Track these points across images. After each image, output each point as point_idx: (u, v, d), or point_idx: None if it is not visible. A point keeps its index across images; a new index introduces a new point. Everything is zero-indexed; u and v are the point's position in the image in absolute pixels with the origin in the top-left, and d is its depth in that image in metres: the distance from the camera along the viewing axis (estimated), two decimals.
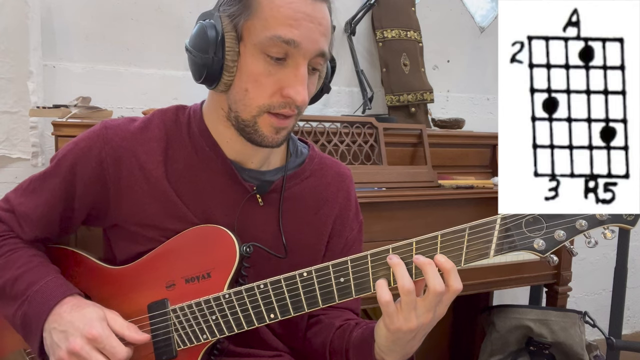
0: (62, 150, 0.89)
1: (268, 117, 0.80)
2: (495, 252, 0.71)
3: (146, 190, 0.86)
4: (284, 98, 0.79)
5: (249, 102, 0.80)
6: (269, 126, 0.81)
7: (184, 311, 0.82)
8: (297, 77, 0.78)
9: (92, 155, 0.86)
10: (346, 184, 0.99)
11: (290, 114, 0.81)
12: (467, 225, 0.72)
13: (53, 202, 0.88)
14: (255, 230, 0.89)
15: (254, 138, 0.82)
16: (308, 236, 0.93)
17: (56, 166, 0.88)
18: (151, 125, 0.88)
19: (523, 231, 0.71)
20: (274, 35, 0.76)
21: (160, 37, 1.76)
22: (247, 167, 0.90)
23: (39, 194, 0.89)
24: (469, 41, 2.31)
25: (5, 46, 1.56)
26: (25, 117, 1.58)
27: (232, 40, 0.79)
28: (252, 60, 0.79)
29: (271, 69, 0.78)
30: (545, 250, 0.70)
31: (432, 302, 0.71)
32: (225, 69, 0.80)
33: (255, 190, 0.88)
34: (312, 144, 1.01)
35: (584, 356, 1.72)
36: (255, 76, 0.79)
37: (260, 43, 0.77)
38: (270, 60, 0.78)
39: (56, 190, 0.88)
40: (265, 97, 0.79)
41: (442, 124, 2.02)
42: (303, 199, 0.93)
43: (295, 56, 0.78)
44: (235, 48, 0.79)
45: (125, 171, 0.86)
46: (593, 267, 2.66)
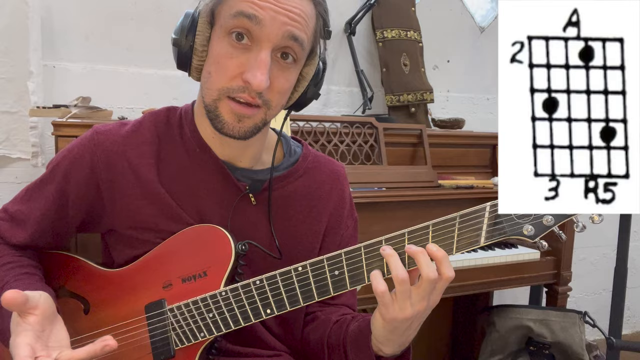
0: (56, 157, 0.90)
1: (227, 102, 0.79)
2: (486, 239, 0.73)
3: (139, 193, 0.86)
4: (243, 82, 0.77)
5: (211, 85, 0.79)
6: (229, 112, 0.79)
7: (181, 310, 0.82)
8: (256, 60, 0.76)
9: (85, 162, 0.86)
10: (340, 181, 0.99)
11: (249, 101, 0.78)
12: (458, 214, 0.74)
13: (48, 208, 0.88)
14: (249, 229, 0.89)
15: (217, 125, 0.81)
16: (302, 234, 0.94)
17: (51, 173, 0.89)
18: (142, 129, 0.88)
19: (512, 217, 0.72)
20: (237, 10, 0.75)
21: (160, 37, 1.76)
22: (238, 167, 0.90)
23: (35, 200, 0.89)
24: (469, 41, 2.31)
25: (5, 46, 1.56)
26: (25, 117, 1.59)
27: (203, 25, 0.80)
28: (217, 42, 0.79)
29: (234, 52, 0.77)
30: (534, 235, 0.72)
31: (426, 290, 0.72)
32: (194, 52, 0.80)
33: (247, 189, 0.88)
34: (305, 143, 1.01)
35: (584, 356, 1.72)
36: (218, 58, 0.78)
37: (226, 23, 0.77)
38: (234, 43, 0.77)
39: (51, 197, 0.88)
40: (226, 80, 0.78)
41: (442, 124, 2.02)
42: (296, 197, 0.93)
43: (258, 39, 0.76)
44: (205, 32, 0.80)
45: (117, 175, 0.86)
46: (593, 267, 2.66)
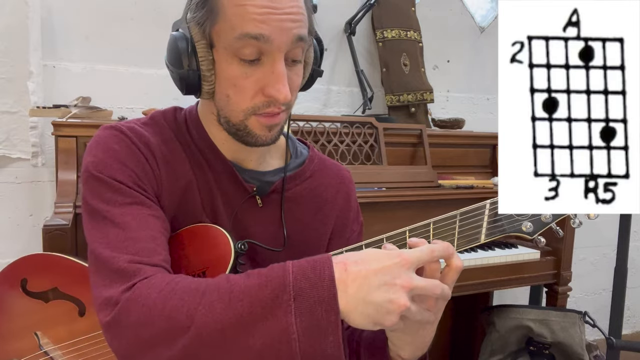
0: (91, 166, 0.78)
1: (256, 118, 0.78)
2: (486, 236, 0.74)
3: (172, 188, 0.83)
4: (266, 98, 0.76)
5: (234, 107, 0.78)
6: (259, 126, 0.79)
7: None
8: (275, 74, 0.74)
9: (130, 148, 0.79)
10: (346, 184, 0.99)
11: (277, 112, 0.78)
12: (458, 212, 0.74)
13: (144, 218, 0.77)
14: (254, 231, 0.88)
15: (248, 140, 0.81)
16: (308, 237, 0.93)
17: (100, 185, 0.77)
18: (159, 126, 0.86)
19: (511, 215, 0.73)
20: (242, 33, 0.73)
21: (161, 37, 1.75)
22: (246, 168, 0.89)
23: (132, 222, 0.76)
24: (469, 41, 2.31)
25: (5, 46, 1.56)
26: (25, 117, 1.59)
27: (203, 49, 0.77)
28: (226, 65, 0.76)
29: (247, 71, 0.75)
30: (533, 232, 0.73)
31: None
32: (203, 79, 0.78)
33: (255, 191, 0.88)
34: (311, 144, 1.01)
35: (584, 356, 1.72)
36: (232, 80, 0.76)
37: (231, 46, 0.75)
38: (244, 62, 0.75)
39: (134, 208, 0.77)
40: (248, 100, 0.77)
41: (442, 124, 2.02)
42: (303, 200, 0.93)
43: (269, 52, 0.74)
44: (208, 56, 0.77)
45: (160, 165, 0.82)
46: (593, 267, 2.66)
